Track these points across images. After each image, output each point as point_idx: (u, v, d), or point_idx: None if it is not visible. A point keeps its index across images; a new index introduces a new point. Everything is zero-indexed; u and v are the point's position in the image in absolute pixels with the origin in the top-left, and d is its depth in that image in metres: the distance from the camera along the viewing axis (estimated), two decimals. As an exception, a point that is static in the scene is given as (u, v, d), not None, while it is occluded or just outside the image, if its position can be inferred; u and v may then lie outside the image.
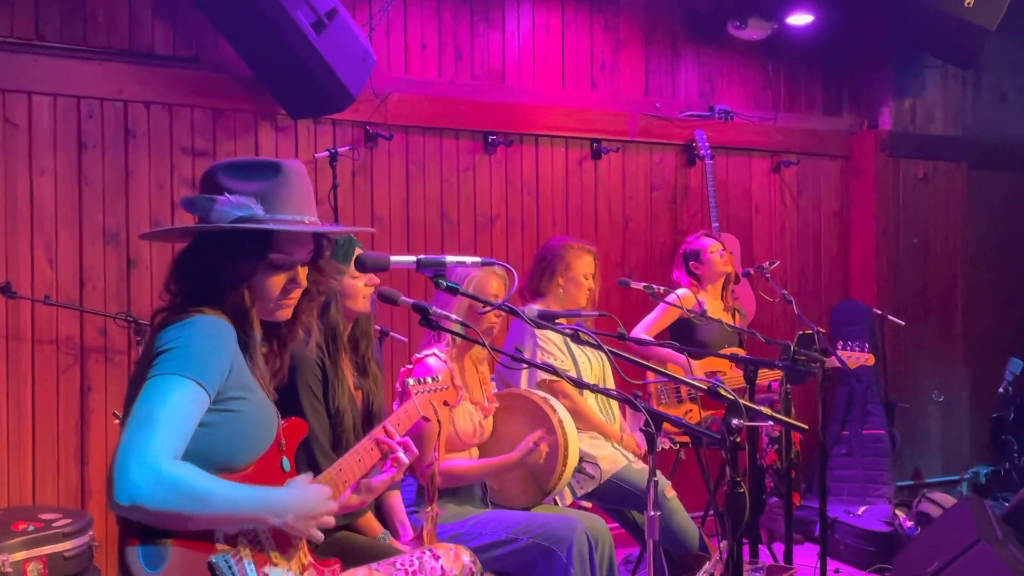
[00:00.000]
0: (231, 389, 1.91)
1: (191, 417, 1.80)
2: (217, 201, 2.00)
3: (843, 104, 6.66)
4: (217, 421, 1.89)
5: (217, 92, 4.72)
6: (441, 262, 2.35)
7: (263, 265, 2.03)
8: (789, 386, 3.97)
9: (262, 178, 2.04)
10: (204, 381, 1.83)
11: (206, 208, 2.01)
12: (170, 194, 4.65)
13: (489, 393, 3.60)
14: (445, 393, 2.66)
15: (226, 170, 2.04)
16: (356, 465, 2.28)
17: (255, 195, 2.01)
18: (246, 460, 1.96)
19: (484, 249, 5.40)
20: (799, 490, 4.82)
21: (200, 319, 1.92)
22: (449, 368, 3.34)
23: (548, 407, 3.48)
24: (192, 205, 2.02)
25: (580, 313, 3.86)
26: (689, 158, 6.02)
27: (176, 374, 1.81)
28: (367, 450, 2.32)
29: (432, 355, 3.35)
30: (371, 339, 3.02)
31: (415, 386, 2.59)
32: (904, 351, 6.58)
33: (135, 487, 1.68)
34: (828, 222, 6.59)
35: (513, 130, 5.47)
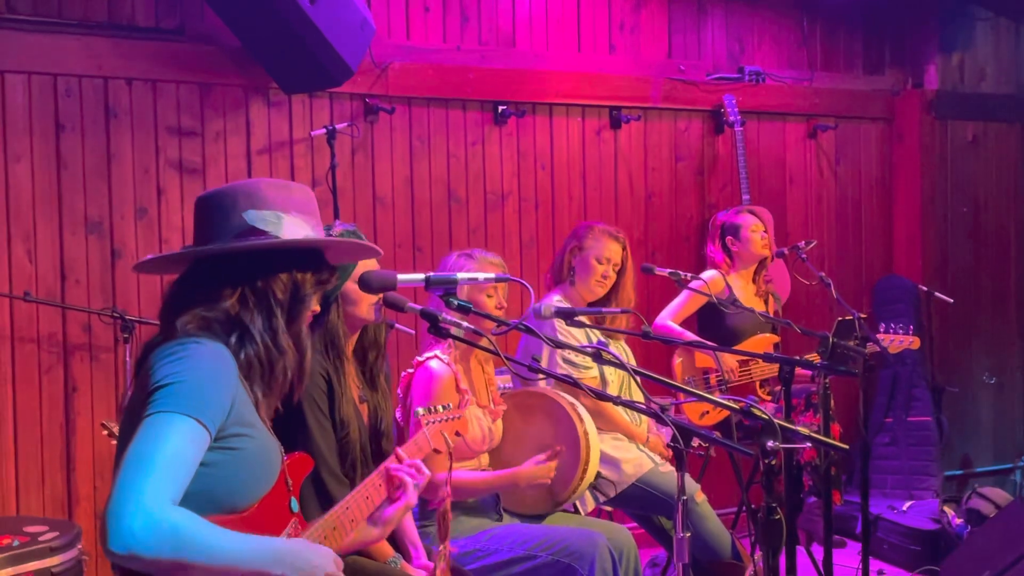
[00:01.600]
0: (233, 425, 1.92)
1: (191, 459, 1.81)
2: (285, 217, 2.05)
3: (885, 62, 6.60)
4: (218, 460, 1.90)
5: (204, 66, 4.71)
6: (452, 280, 2.36)
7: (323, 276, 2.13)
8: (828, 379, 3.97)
9: (301, 199, 2.12)
10: (205, 419, 1.84)
11: (274, 223, 2.05)
12: (156, 178, 4.66)
13: (496, 395, 3.61)
14: (457, 423, 2.67)
15: (267, 189, 2.09)
16: (364, 503, 2.29)
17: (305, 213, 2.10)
18: (249, 500, 1.98)
19: (495, 230, 5.40)
20: (840, 487, 4.83)
21: (202, 349, 1.93)
22: (453, 371, 3.36)
23: (575, 415, 3.49)
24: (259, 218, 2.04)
25: (602, 310, 3.86)
26: (717, 125, 5.99)
27: (175, 412, 1.82)
28: (375, 486, 2.34)
29: (435, 358, 3.37)
30: (382, 351, 3.03)
31: (425, 416, 2.61)
32: (953, 331, 6.57)
33: (130, 535, 1.69)
34: (869, 192, 6.56)
35: (525, 99, 5.45)
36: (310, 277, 2.09)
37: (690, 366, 4.93)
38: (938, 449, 6.15)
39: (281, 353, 2.04)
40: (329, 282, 2.13)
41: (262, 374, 2.02)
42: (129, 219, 4.61)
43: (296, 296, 2.07)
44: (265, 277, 2.04)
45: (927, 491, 5.96)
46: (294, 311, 2.07)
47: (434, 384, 3.29)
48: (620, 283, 4.21)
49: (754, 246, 4.99)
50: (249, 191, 2.07)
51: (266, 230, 2.03)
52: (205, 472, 1.87)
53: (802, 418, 4.79)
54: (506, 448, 3.57)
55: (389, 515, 2.35)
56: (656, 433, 4.19)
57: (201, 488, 1.86)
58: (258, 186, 2.08)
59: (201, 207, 2.11)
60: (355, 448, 2.84)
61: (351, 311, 2.90)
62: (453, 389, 3.33)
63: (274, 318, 2.03)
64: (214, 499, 1.90)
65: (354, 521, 2.26)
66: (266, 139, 4.88)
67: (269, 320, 2.03)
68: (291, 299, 2.06)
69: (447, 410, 2.67)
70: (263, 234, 2.03)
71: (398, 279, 2.46)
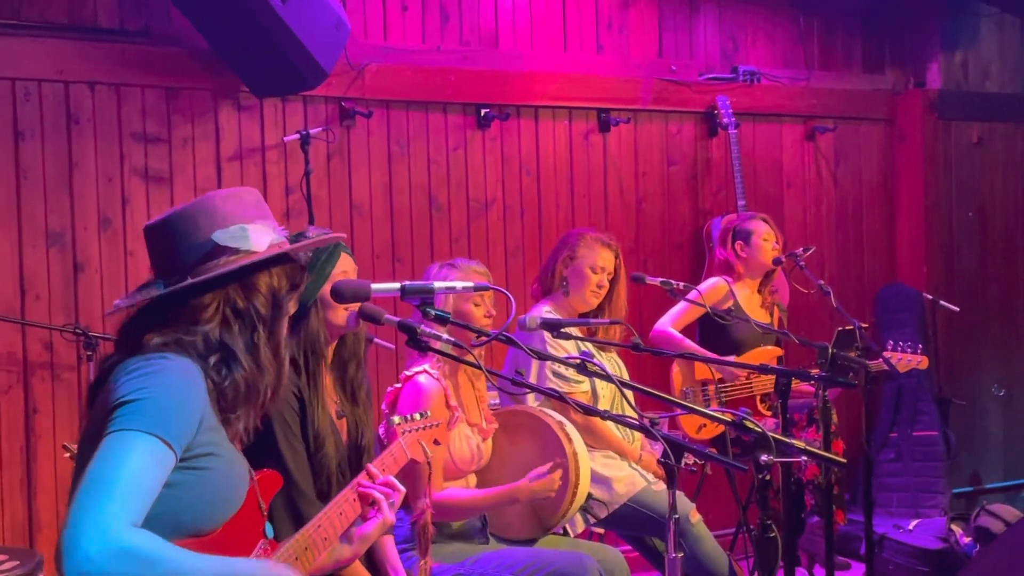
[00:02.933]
0: (200, 445, 1.93)
1: (154, 480, 1.81)
2: (250, 229, 2.07)
3: (885, 60, 6.66)
4: (184, 481, 1.91)
5: (171, 69, 4.73)
6: (429, 288, 2.38)
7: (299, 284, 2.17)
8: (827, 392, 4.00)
9: (257, 207, 2.15)
10: (170, 438, 1.84)
11: (242, 238, 2.07)
12: (120, 187, 4.67)
13: (487, 412, 3.63)
14: (435, 431, 2.69)
15: (223, 202, 2.10)
16: (337, 520, 2.31)
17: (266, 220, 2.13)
18: (216, 522, 1.99)
19: (478, 239, 5.42)
20: (843, 507, 4.85)
21: (169, 365, 1.94)
22: (443, 386, 3.37)
23: (563, 435, 3.51)
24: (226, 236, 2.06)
25: (589, 321, 3.88)
26: (710, 127, 6.03)
27: (138, 430, 1.82)
28: (349, 502, 2.35)
29: (423, 372, 3.38)
30: (361, 363, 3.04)
31: (401, 424, 2.62)
32: (959, 341, 6.62)
33: (86, 559, 1.68)
34: (870, 196, 6.61)
35: (509, 102, 5.48)
36: (285, 281, 2.12)
37: (688, 377, 4.96)
38: (945, 465, 6.19)
39: (263, 371, 2.06)
40: (301, 282, 2.16)
41: (247, 396, 2.04)
42: (92, 230, 4.62)
43: (276, 304, 2.10)
44: (245, 294, 2.06)
45: (934, 509, 5.99)
46: (275, 321, 2.10)
47: (423, 399, 3.31)
48: (613, 292, 4.24)
49: (764, 255, 5.00)
50: (206, 210, 2.07)
51: (237, 247, 2.05)
52: (170, 494, 1.87)
53: (804, 434, 4.82)
54: (492, 469, 3.58)
55: (363, 533, 2.36)
56: (650, 451, 4.21)
57: (166, 510, 1.86)
58: (212, 202, 2.09)
59: (157, 236, 2.11)
60: (331, 464, 2.84)
61: (328, 317, 2.91)
62: (443, 405, 3.35)
63: (256, 334, 2.06)
64: (180, 522, 1.90)
65: (327, 540, 2.27)
66: (236, 145, 4.89)
67: (252, 337, 2.05)
68: (272, 309, 2.09)
69: (424, 418, 2.68)
70: (235, 252, 2.05)
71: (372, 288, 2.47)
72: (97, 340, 4.30)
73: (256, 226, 2.08)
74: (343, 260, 2.92)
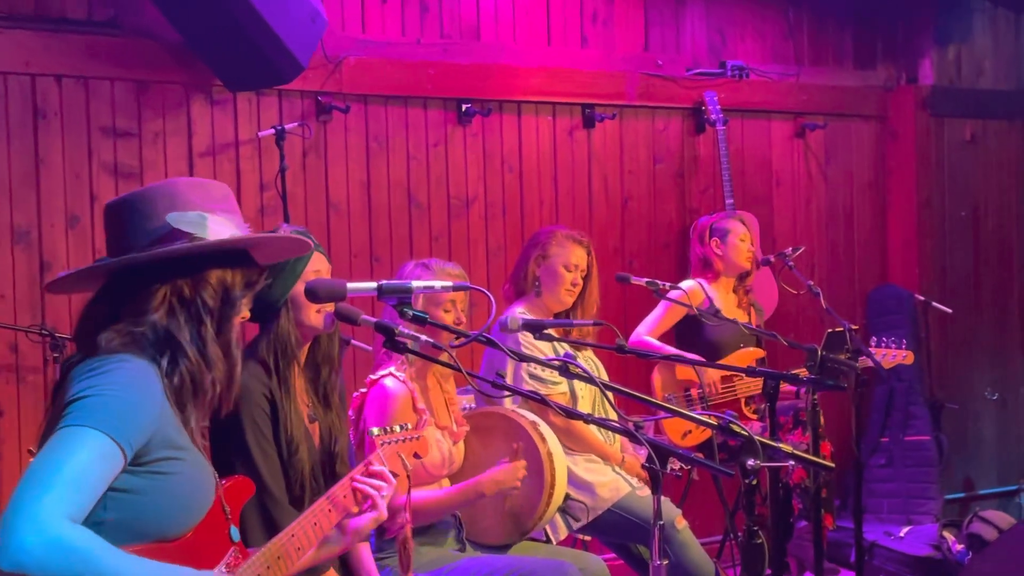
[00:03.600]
0: (159, 448, 1.92)
1: (98, 477, 1.81)
2: (209, 218, 2.05)
3: (877, 56, 6.68)
4: (144, 486, 1.90)
5: (141, 62, 4.70)
6: (407, 288, 2.37)
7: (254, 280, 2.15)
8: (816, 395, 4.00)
9: (223, 199, 2.13)
10: (119, 438, 1.84)
11: (199, 224, 2.05)
12: (88, 183, 4.64)
13: (458, 415, 3.62)
14: (416, 444, 2.68)
15: (187, 190, 2.09)
16: (312, 530, 2.30)
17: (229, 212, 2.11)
18: (181, 528, 1.98)
19: (459, 238, 5.41)
20: (832, 511, 4.86)
21: (125, 365, 1.93)
22: (409, 389, 3.37)
23: (537, 435, 3.51)
24: (183, 220, 2.04)
25: (574, 322, 3.88)
26: (698, 124, 6.03)
27: (87, 426, 1.82)
28: (324, 512, 2.34)
29: (389, 375, 3.37)
30: (336, 366, 3.03)
31: (380, 436, 2.61)
32: (952, 343, 6.64)
33: (20, 549, 1.69)
34: (861, 195, 6.62)
35: (491, 96, 5.47)
36: (240, 279, 2.10)
37: (670, 382, 4.96)
38: (937, 470, 6.21)
39: (210, 366, 2.04)
40: (258, 283, 2.14)
41: (194, 391, 2.03)
42: (59, 228, 4.59)
43: (226, 300, 2.08)
44: (193, 283, 2.04)
45: (926, 515, 6.01)
46: (224, 317, 2.07)
47: (389, 404, 3.30)
48: (586, 290, 4.24)
49: (738, 255, 5.04)
50: (167, 192, 2.07)
51: (191, 232, 2.03)
52: (132, 499, 1.87)
53: (790, 437, 4.83)
54: (465, 472, 3.57)
55: (356, 526, 2.39)
56: (632, 453, 4.21)
57: (128, 516, 1.86)
58: (176, 186, 2.09)
59: (114, 213, 2.10)
60: (304, 470, 2.83)
61: (300, 318, 2.90)
62: (410, 409, 3.34)
63: (203, 327, 2.03)
64: (142, 528, 1.90)
65: (300, 549, 2.26)
66: (209, 140, 4.87)
67: (199, 329, 2.03)
68: (221, 304, 2.07)
69: (405, 430, 2.67)
70: (187, 237, 2.03)
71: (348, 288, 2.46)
72: (64, 341, 4.27)
73: (218, 217, 2.07)
74: (316, 259, 2.90)
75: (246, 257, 2.13)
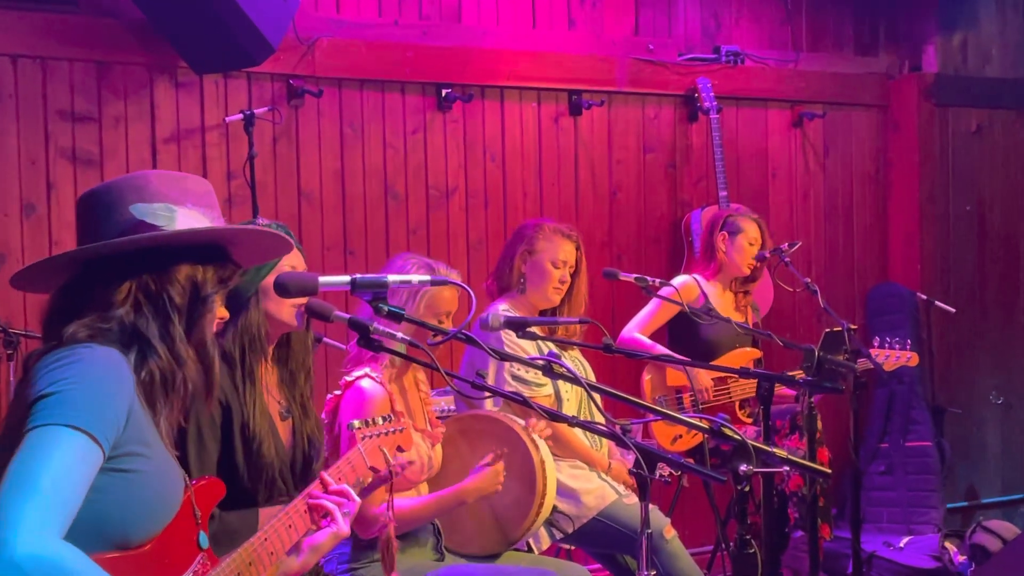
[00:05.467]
0: (128, 443, 1.92)
1: (81, 480, 1.81)
2: (178, 210, 2.07)
3: (879, 42, 6.71)
4: (108, 484, 1.89)
5: (102, 41, 4.70)
6: (382, 283, 2.39)
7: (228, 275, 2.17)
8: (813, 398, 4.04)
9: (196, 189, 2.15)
10: (97, 433, 1.84)
11: (167, 217, 2.06)
12: (45, 170, 4.64)
13: (432, 417, 3.64)
14: (398, 437, 2.69)
15: (157, 180, 2.10)
16: (285, 532, 2.31)
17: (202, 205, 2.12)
18: (146, 533, 1.98)
19: (439, 230, 5.43)
20: (829, 520, 4.90)
21: (93, 354, 1.93)
22: (387, 391, 3.39)
23: (530, 442, 3.53)
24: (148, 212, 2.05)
25: (558, 320, 3.90)
26: (690, 112, 6.06)
27: (62, 424, 1.82)
28: (299, 513, 2.35)
29: (365, 376, 3.39)
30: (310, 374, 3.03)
31: (361, 429, 2.62)
32: (955, 344, 6.69)
33: (11, 565, 1.68)
34: (861, 187, 6.66)
35: (472, 81, 5.48)
36: (211, 275, 2.10)
37: (661, 384, 4.99)
38: (939, 478, 6.25)
39: (180, 364, 2.04)
40: (231, 279, 2.15)
41: (164, 390, 2.03)
42: (14, 217, 4.58)
43: (196, 297, 2.08)
44: (158, 277, 2.05)
45: (927, 525, 6.05)
46: (194, 315, 2.08)
47: (366, 406, 3.31)
48: (573, 287, 4.26)
49: (741, 259, 5.02)
50: (137, 184, 2.08)
51: (156, 224, 2.05)
52: (93, 498, 1.86)
53: (786, 442, 4.86)
54: (450, 479, 3.59)
55: (313, 543, 2.37)
56: (619, 459, 4.24)
57: (88, 517, 1.85)
58: (147, 178, 2.10)
59: (83, 205, 2.13)
60: (272, 467, 2.83)
61: (271, 311, 2.90)
62: (388, 412, 3.35)
63: (171, 324, 2.04)
64: (104, 531, 1.89)
65: (274, 554, 2.27)
66: (173, 125, 4.87)
67: (166, 327, 2.04)
68: (190, 302, 2.07)
69: (387, 422, 2.68)
70: (153, 228, 2.05)
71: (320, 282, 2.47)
72: (19, 337, 4.26)
73: (188, 210, 2.07)
74: (293, 255, 2.91)
75: (219, 252, 2.13)
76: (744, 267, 5.04)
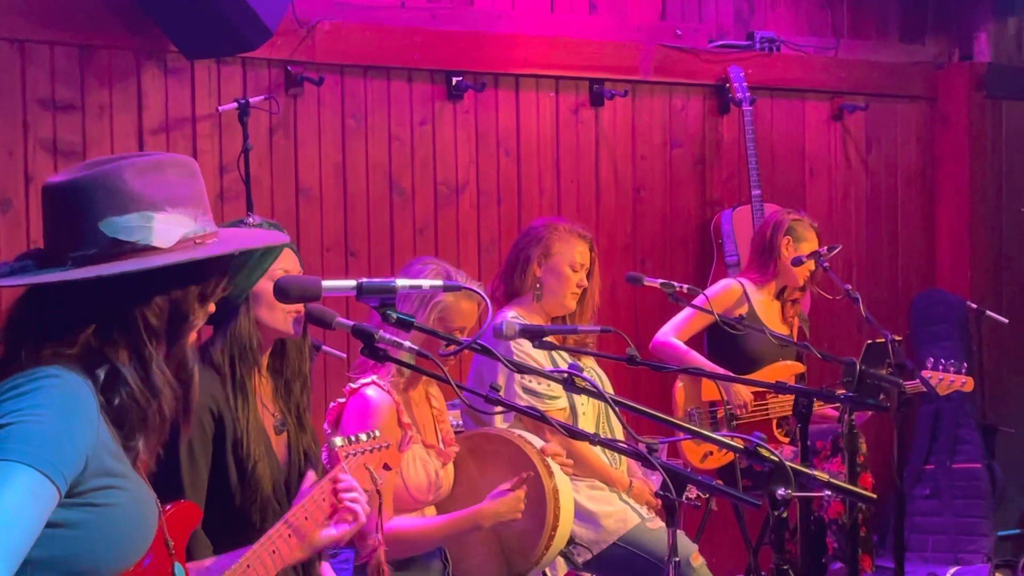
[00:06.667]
0: (95, 477, 1.88)
1: (32, 520, 1.77)
2: (156, 218, 1.97)
3: (927, 28, 6.69)
4: (79, 520, 1.87)
5: (86, 24, 4.69)
6: (390, 287, 2.36)
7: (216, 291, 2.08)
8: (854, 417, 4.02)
9: (183, 182, 2.05)
10: (53, 472, 1.80)
11: (143, 230, 1.97)
12: (23, 162, 4.62)
13: (446, 434, 3.62)
14: (384, 454, 2.67)
15: (135, 174, 2.00)
16: (270, 559, 2.30)
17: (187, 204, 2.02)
18: (120, 567, 1.95)
19: (447, 230, 5.41)
20: (870, 550, 4.87)
21: (54, 382, 1.88)
22: (394, 401, 3.37)
23: (544, 467, 3.49)
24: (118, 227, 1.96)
25: (579, 329, 3.88)
26: (721, 103, 6.05)
27: (15, 461, 1.78)
28: (283, 537, 2.34)
29: (372, 384, 3.37)
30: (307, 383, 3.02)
31: (344, 447, 2.61)
32: (1008, 358, 6.65)
33: None
34: (906, 186, 6.63)
35: (485, 69, 5.47)
36: (193, 291, 2.03)
37: (695, 395, 4.96)
38: (989, 503, 6.21)
39: (155, 393, 1.98)
40: (215, 294, 2.08)
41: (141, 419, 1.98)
42: (-11, 213, 4.59)
43: (175, 318, 2.02)
44: (131, 298, 1.97)
45: (976, 554, 6.01)
46: (174, 336, 2.02)
47: (371, 416, 3.29)
48: (586, 292, 4.25)
49: (803, 268, 4.97)
50: (110, 186, 1.96)
51: (130, 239, 1.97)
52: (63, 534, 1.84)
53: (827, 465, 4.83)
54: (458, 502, 3.57)
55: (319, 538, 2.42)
56: (641, 478, 4.21)
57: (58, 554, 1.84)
58: (121, 176, 1.98)
59: (48, 202, 2.02)
60: (265, 489, 2.81)
61: (263, 318, 2.88)
62: (394, 423, 3.34)
63: (145, 348, 1.97)
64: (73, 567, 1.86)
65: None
66: (162, 115, 4.86)
67: (140, 352, 1.97)
68: (169, 323, 2.01)
69: (372, 439, 2.67)
70: (127, 245, 1.95)
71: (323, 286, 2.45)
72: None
73: (166, 215, 1.98)
74: (286, 257, 2.89)
75: (202, 264, 2.06)
76: (801, 279, 5.01)
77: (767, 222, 5.16)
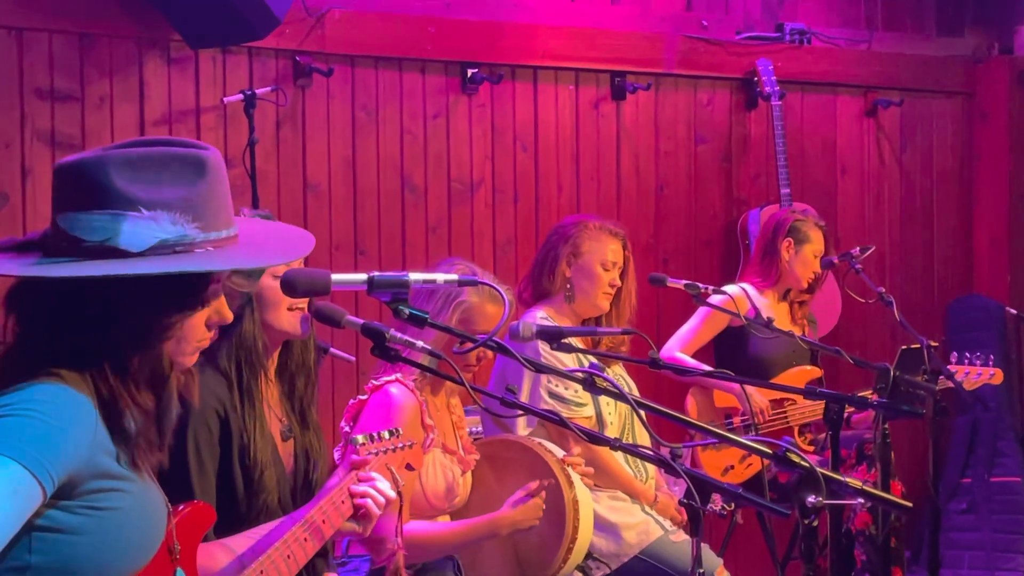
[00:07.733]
0: (93, 479, 1.89)
1: (14, 516, 1.78)
2: (127, 218, 1.89)
3: (965, 20, 6.68)
4: (81, 525, 1.88)
5: (86, 12, 4.72)
6: (403, 281, 2.36)
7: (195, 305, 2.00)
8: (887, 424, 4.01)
9: (181, 181, 1.95)
10: (37, 469, 1.80)
11: (108, 230, 1.90)
12: (20, 155, 4.66)
13: (466, 440, 3.63)
14: (407, 453, 2.68)
15: (122, 168, 1.92)
16: (284, 564, 2.31)
17: (175, 207, 1.92)
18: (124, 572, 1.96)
19: (461, 228, 5.43)
20: (902, 564, 4.87)
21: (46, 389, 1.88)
22: (419, 400, 3.38)
23: (564, 478, 3.50)
24: (80, 224, 1.90)
25: (597, 331, 3.89)
26: (749, 98, 6.05)
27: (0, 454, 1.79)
28: (299, 542, 2.35)
29: (396, 381, 3.38)
30: (311, 376, 3.03)
31: (365, 445, 2.61)
32: (1049, 366, 6.64)
33: None
34: (943, 185, 6.63)
35: (502, 60, 5.48)
36: (166, 302, 1.96)
37: (708, 407, 4.96)
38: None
39: (121, 406, 1.95)
40: (206, 302, 2.01)
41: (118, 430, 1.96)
42: (-15, 207, 4.61)
43: (153, 328, 1.96)
44: (102, 308, 1.93)
45: (1014, 572, 6.00)
46: (150, 343, 1.97)
47: (395, 414, 3.30)
48: (621, 292, 4.25)
49: (805, 272, 4.97)
50: (86, 175, 1.92)
51: (93, 240, 1.89)
52: (65, 540, 1.86)
53: (853, 474, 4.82)
54: (473, 509, 3.58)
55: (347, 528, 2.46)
56: (667, 491, 4.22)
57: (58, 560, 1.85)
58: (103, 167, 1.91)
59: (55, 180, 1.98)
60: (270, 498, 2.83)
61: (268, 319, 2.89)
62: (418, 423, 3.35)
63: (104, 355, 1.93)
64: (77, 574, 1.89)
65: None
66: (165, 107, 4.89)
67: (96, 357, 1.94)
68: (131, 333, 1.94)
69: (394, 436, 2.67)
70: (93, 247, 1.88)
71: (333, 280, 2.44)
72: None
73: (142, 217, 1.92)
74: None
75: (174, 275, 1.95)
76: (804, 281, 5.01)
77: (769, 222, 5.18)
